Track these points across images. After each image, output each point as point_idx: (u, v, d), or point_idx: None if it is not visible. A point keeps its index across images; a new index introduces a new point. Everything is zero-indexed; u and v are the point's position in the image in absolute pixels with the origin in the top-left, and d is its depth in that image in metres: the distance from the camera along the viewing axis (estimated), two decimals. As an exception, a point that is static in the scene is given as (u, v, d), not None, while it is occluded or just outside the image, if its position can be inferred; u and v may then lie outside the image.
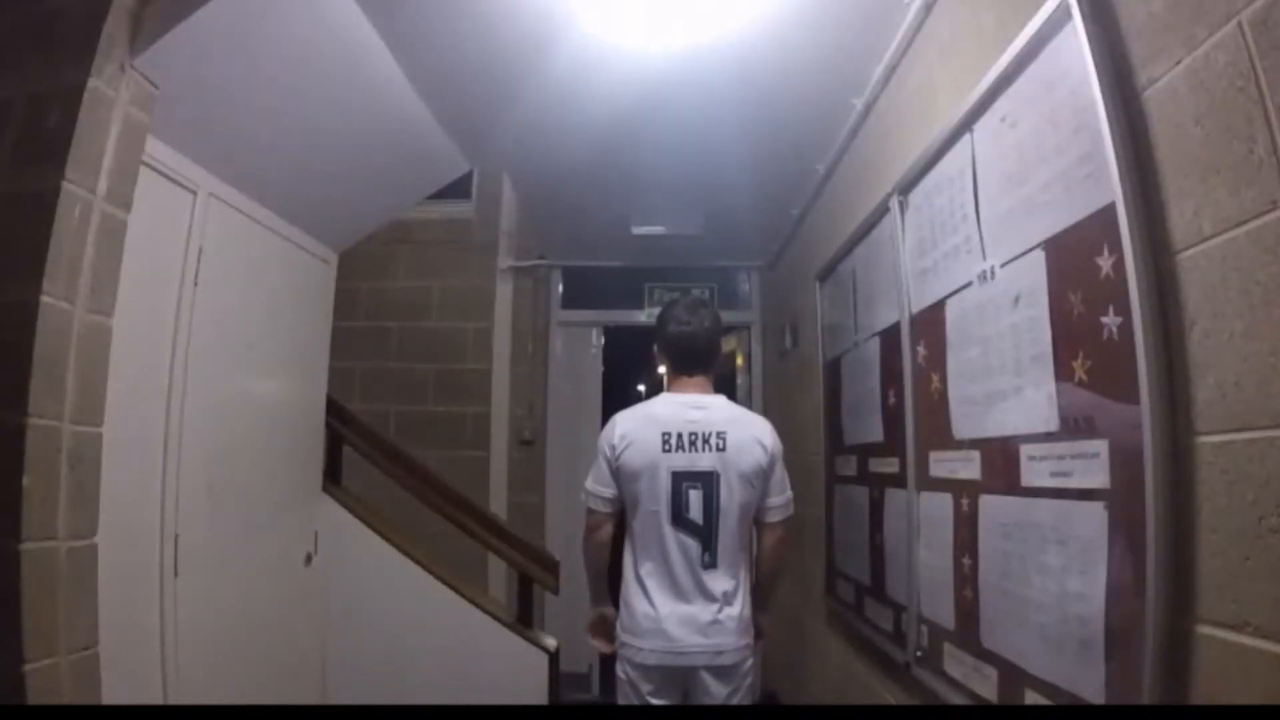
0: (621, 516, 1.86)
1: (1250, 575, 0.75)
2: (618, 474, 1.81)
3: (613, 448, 1.81)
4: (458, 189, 3.67)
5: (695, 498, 1.77)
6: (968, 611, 1.36)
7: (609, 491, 1.82)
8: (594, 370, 4.38)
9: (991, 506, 1.28)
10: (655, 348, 1.97)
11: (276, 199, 2.32)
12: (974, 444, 1.36)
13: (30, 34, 1.46)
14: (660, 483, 1.77)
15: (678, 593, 1.75)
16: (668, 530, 1.77)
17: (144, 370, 1.79)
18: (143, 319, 1.74)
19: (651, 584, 1.77)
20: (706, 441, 1.78)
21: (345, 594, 2.80)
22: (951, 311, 1.45)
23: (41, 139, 1.38)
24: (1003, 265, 1.24)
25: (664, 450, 1.78)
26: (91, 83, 1.39)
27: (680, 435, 1.78)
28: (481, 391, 3.95)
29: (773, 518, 1.84)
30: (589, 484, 1.86)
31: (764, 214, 3.20)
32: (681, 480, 1.77)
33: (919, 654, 1.57)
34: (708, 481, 1.77)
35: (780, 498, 1.84)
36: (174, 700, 1.85)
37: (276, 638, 2.46)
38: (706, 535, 1.76)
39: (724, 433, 1.79)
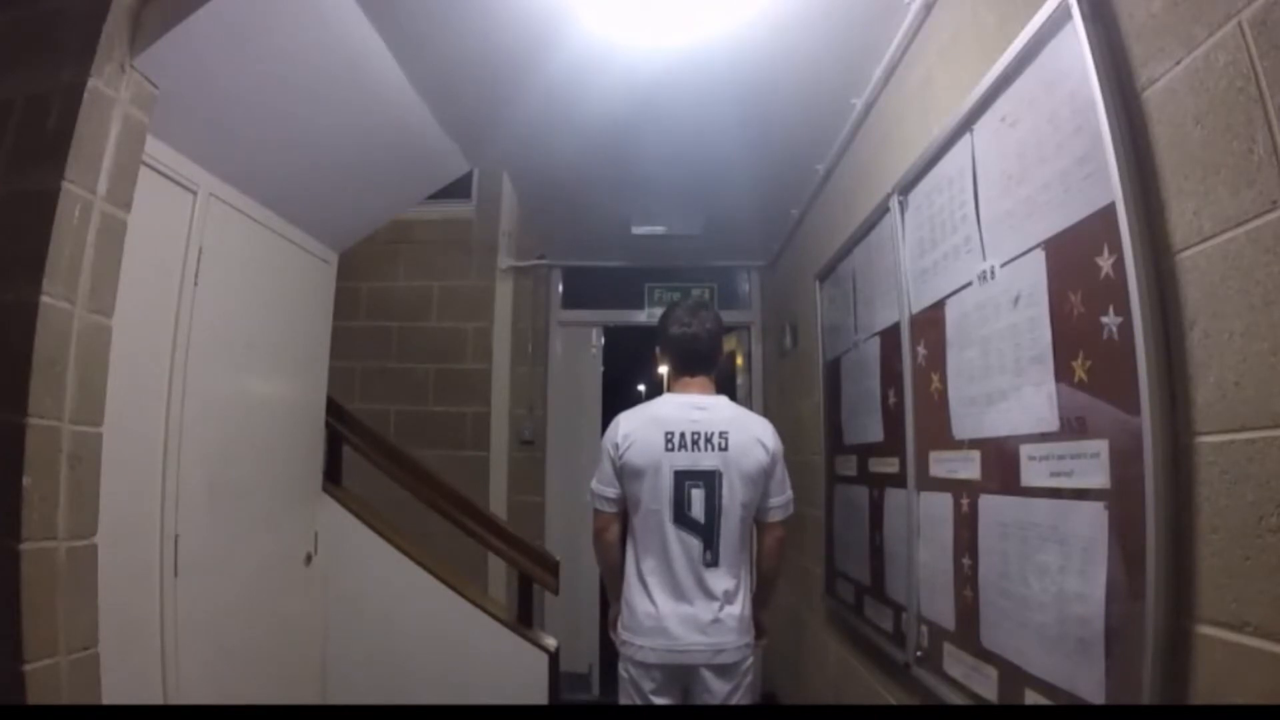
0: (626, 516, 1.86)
1: (1250, 575, 0.75)
2: (621, 473, 1.82)
3: (616, 447, 1.82)
4: (458, 189, 3.67)
5: (698, 496, 1.77)
6: (967, 611, 1.36)
7: (613, 491, 1.83)
8: (594, 370, 4.37)
9: (991, 506, 1.28)
10: (657, 349, 1.98)
11: (276, 199, 2.32)
12: (974, 444, 1.36)
13: (30, 34, 1.46)
14: (663, 481, 1.78)
15: (679, 591, 1.76)
16: (669, 529, 1.77)
17: (144, 370, 1.79)
18: (143, 319, 1.74)
19: (653, 582, 1.77)
20: (709, 441, 1.78)
21: (345, 594, 2.80)
22: (951, 311, 1.45)
23: (41, 139, 1.37)
24: (1003, 265, 1.24)
25: (667, 449, 1.78)
26: (91, 83, 1.39)
27: (683, 435, 1.79)
28: (481, 391, 3.95)
29: (773, 517, 1.85)
30: (594, 484, 1.87)
31: (764, 214, 3.20)
32: (684, 479, 1.78)
33: (919, 654, 1.57)
34: (710, 480, 1.78)
35: (781, 497, 1.85)
36: (174, 700, 1.85)
37: (276, 638, 2.46)
38: (708, 534, 1.77)
39: (726, 433, 1.79)
